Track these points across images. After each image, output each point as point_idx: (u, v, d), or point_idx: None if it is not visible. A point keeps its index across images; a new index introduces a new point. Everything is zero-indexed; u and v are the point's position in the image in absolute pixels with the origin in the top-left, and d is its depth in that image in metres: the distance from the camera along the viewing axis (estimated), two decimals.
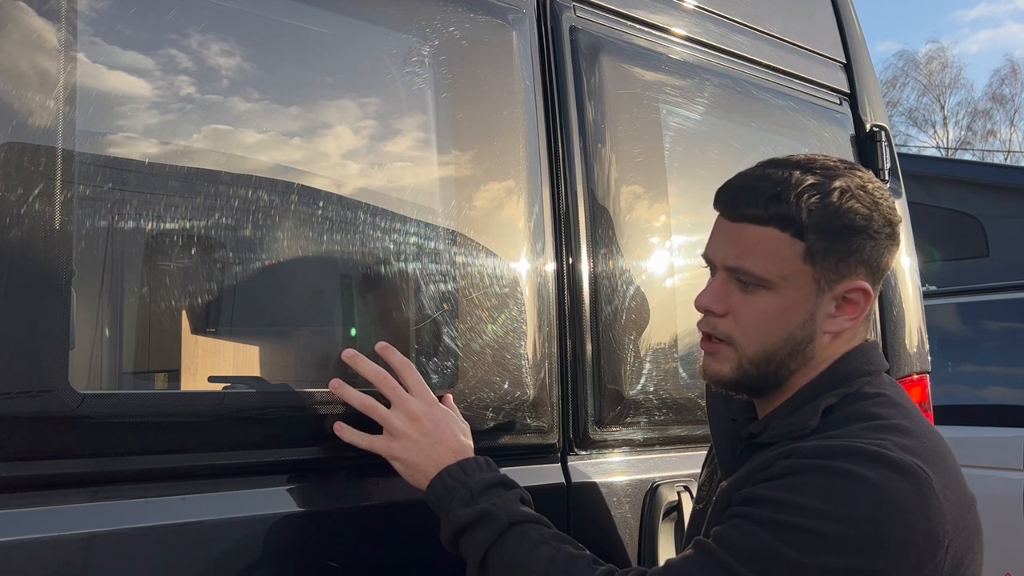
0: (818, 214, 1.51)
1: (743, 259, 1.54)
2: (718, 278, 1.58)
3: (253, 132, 1.76)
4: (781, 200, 1.52)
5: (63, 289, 1.44)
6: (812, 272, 1.54)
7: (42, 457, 1.43)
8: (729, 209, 1.58)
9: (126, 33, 1.61)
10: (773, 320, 1.55)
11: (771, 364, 1.58)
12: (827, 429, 1.54)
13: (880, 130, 2.92)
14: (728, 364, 1.59)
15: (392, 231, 1.89)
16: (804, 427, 1.55)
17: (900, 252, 2.91)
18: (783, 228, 1.52)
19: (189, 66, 1.67)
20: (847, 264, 1.55)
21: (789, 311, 1.55)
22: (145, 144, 1.63)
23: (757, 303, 1.55)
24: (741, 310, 1.56)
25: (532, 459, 2.03)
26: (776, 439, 1.58)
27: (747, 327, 1.56)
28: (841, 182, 1.54)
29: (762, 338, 1.56)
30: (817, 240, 1.52)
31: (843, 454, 1.45)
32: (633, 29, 2.39)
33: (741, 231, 1.55)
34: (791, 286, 1.54)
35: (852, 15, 3.05)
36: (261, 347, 1.81)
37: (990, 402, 6.00)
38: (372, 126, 1.92)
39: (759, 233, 1.53)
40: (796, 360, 1.58)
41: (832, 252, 1.53)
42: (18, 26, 1.44)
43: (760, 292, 1.55)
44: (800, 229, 1.51)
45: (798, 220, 1.51)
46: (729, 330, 1.58)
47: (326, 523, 1.71)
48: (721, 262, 1.58)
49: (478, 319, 1.95)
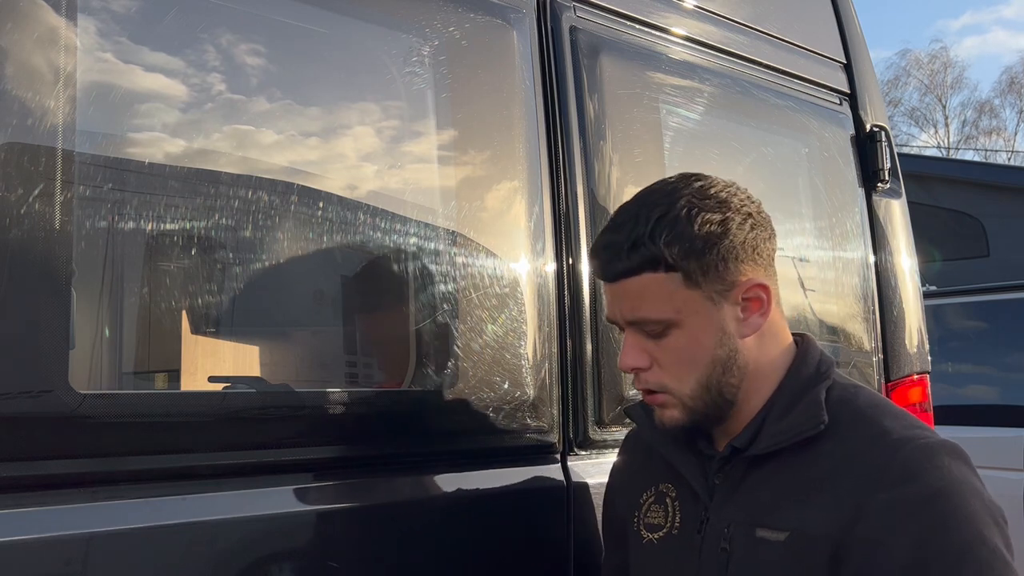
0: (677, 243, 1.52)
1: (638, 311, 1.55)
2: (629, 335, 1.59)
3: (253, 132, 1.76)
4: (638, 247, 1.52)
5: (63, 289, 1.44)
6: (701, 293, 1.54)
7: (42, 457, 1.43)
8: (603, 272, 1.59)
9: (126, 33, 1.61)
10: (691, 352, 1.55)
11: (711, 392, 1.57)
12: (847, 422, 1.53)
13: (880, 130, 2.92)
14: (676, 409, 1.58)
15: (392, 231, 1.89)
16: (815, 425, 1.53)
17: (901, 254, 2.93)
18: (655, 269, 1.53)
19: (189, 66, 1.67)
20: (728, 271, 1.54)
21: (700, 337, 1.55)
22: (145, 144, 1.63)
23: (671, 344, 1.55)
24: (661, 356, 1.56)
25: (532, 459, 2.03)
26: (777, 445, 1.55)
27: (672, 369, 1.56)
28: (684, 201, 1.54)
29: (689, 373, 1.56)
30: (688, 264, 1.52)
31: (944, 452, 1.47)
32: (633, 29, 2.39)
33: (623, 288, 1.56)
34: (690, 314, 1.54)
35: (852, 15, 3.05)
36: (261, 347, 1.81)
37: (990, 402, 5.99)
38: (372, 126, 1.92)
39: (637, 283, 1.54)
40: (732, 375, 1.57)
41: (708, 267, 1.53)
42: (18, 26, 1.44)
43: (669, 333, 1.55)
44: (668, 264, 1.52)
45: (662, 258, 1.52)
46: (659, 379, 1.58)
47: (326, 523, 1.71)
48: (622, 319, 1.58)
49: (478, 319, 1.95)
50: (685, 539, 1.63)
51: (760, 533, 1.52)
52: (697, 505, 1.63)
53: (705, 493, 1.62)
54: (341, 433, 1.77)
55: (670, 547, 1.65)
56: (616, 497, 1.86)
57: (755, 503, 1.55)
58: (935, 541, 1.41)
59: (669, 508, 1.68)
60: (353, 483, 1.78)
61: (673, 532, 1.66)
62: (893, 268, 2.88)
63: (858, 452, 1.50)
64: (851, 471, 1.48)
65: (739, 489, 1.58)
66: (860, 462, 1.48)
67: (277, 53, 1.81)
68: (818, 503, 1.49)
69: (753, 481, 1.57)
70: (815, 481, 1.51)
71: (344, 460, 1.76)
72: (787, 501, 1.52)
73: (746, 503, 1.56)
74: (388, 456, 1.83)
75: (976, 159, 29.65)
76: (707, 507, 1.60)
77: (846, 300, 2.79)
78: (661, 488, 1.71)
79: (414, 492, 1.83)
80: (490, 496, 1.93)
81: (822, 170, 2.83)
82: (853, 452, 1.50)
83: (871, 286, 2.82)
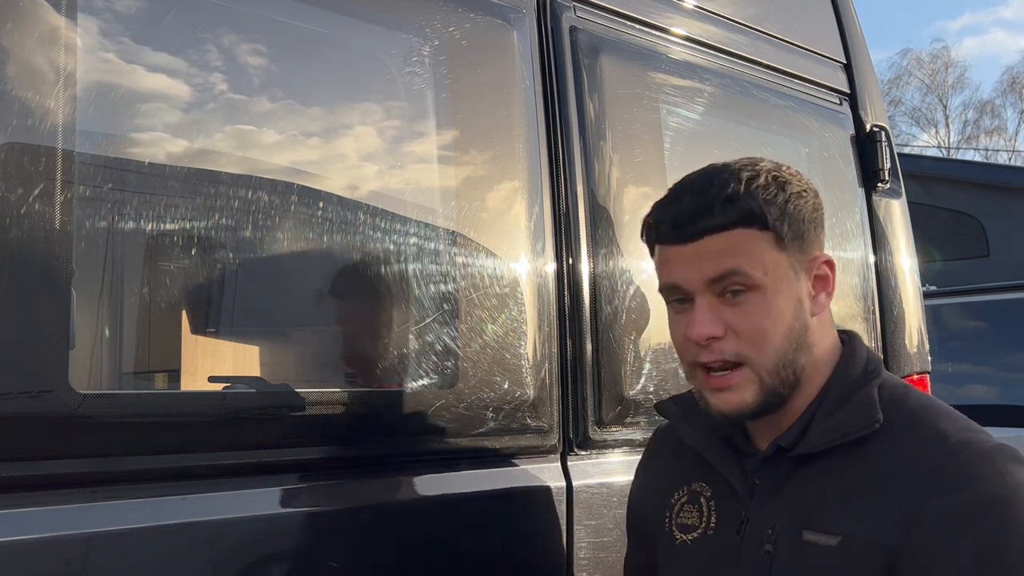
0: (771, 200, 1.48)
1: (724, 266, 1.46)
2: (701, 303, 1.48)
3: (253, 132, 1.76)
4: (734, 201, 1.47)
5: (63, 289, 1.44)
6: (786, 259, 1.49)
7: (42, 457, 1.44)
8: (680, 231, 1.49)
9: (126, 33, 1.61)
10: (771, 320, 1.47)
11: (787, 368, 1.49)
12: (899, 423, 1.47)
13: (880, 130, 2.92)
14: (750, 389, 1.48)
15: (392, 231, 1.89)
16: (869, 424, 1.46)
17: (901, 254, 2.93)
18: (748, 225, 1.47)
19: (189, 66, 1.67)
20: (808, 242, 1.51)
21: (781, 305, 1.48)
22: (145, 144, 1.63)
23: (750, 309, 1.47)
24: (738, 324, 1.47)
25: (532, 459, 2.03)
26: (828, 444, 1.48)
27: (751, 338, 1.47)
28: (764, 167, 1.51)
29: (768, 343, 1.47)
30: (782, 226, 1.48)
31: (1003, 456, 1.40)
32: (633, 29, 2.40)
33: (708, 245, 1.47)
34: (775, 279, 1.48)
35: (852, 15, 3.05)
36: (261, 347, 1.81)
37: (990, 402, 5.99)
38: (372, 126, 1.92)
39: (727, 239, 1.47)
40: (802, 354, 1.50)
41: (796, 234, 1.50)
42: (19, 26, 1.45)
43: (749, 297, 1.47)
44: (763, 220, 1.47)
45: (758, 212, 1.47)
46: (737, 349, 1.47)
47: (326, 523, 1.71)
48: (700, 282, 1.48)
49: (478, 319, 1.95)
50: (722, 540, 1.56)
51: (808, 536, 1.46)
52: (736, 505, 1.56)
53: (745, 492, 1.55)
54: (341, 433, 1.77)
55: (705, 548, 1.58)
56: (643, 496, 1.78)
57: (801, 504, 1.48)
58: (993, 549, 1.34)
59: (704, 508, 1.61)
60: (353, 483, 1.78)
61: (708, 533, 1.59)
62: (893, 268, 2.88)
63: (913, 455, 1.43)
64: (905, 475, 1.42)
65: (783, 489, 1.51)
66: (915, 466, 1.42)
67: (277, 53, 1.81)
68: (871, 507, 1.42)
69: (798, 481, 1.50)
70: (867, 484, 1.44)
71: (344, 460, 1.76)
72: (837, 504, 1.45)
73: (791, 504, 1.49)
74: (388, 456, 1.83)
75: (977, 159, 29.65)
76: (747, 507, 1.54)
77: (846, 300, 2.79)
78: (694, 487, 1.64)
79: (414, 492, 1.83)
80: (490, 496, 1.93)
81: (822, 170, 2.83)
82: (907, 455, 1.43)
83: (871, 286, 2.82)
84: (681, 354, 1.54)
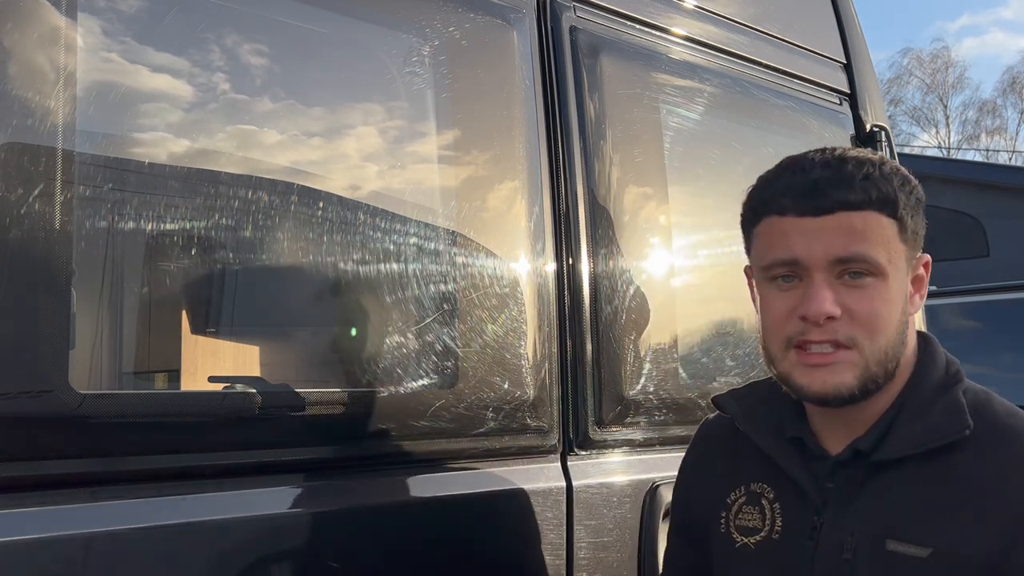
0: (903, 190, 1.43)
1: (854, 246, 1.39)
2: (819, 281, 1.40)
3: (253, 132, 1.76)
4: (874, 181, 1.41)
5: (63, 289, 1.44)
6: (905, 251, 1.44)
7: (42, 457, 1.44)
8: (811, 203, 1.41)
9: (126, 33, 1.61)
10: (887, 309, 1.41)
11: (889, 360, 1.42)
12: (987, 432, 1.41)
13: (880, 130, 2.92)
14: (852, 372, 1.41)
15: (392, 231, 1.89)
16: (959, 430, 1.40)
17: None
18: (880, 209, 1.41)
19: (189, 66, 1.67)
20: (919, 237, 1.47)
21: (895, 296, 1.42)
22: (145, 144, 1.63)
23: (870, 294, 1.40)
24: (855, 308, 1.40)
25: (532, 459, 2.03)
26: (914, 450, 1.42)
27: (866, 323, 1.40)
28: (886, 158, 1.47)
29: (881, 331, 1.41)
30: (907, 216, 1.43)
31: None
32: (633, 29, 2.39)
33: (840, 221, 1.40)
34: (896, 269, 1.42)
35: (852, 15, 3.05)
36: (261, 347, 1.81)
37: None
38: (372, 126, 1.92)
39: (861, 219, 1.40)
40: (900, 350, 1.44)
41: (915, 226, 1.45)
42: (19, 26, 1.45)
43: (868, 282, 1.40)
44: (895, 208, 1.41)
45: (893, 198, 1.41)
46: (851, 332, 1.40)
47: (325, 523, 1.71)
48: (825, 259, 1.40)
49: (478, 319, 1.95)
50: (792, 545, 1.49)
51: (892, 547, 1.40)
52: (806, 509, 1.49)
53: (817, 497, 1.48)
54: (341, 433, 1.77)
55: (772, 553, 1.51)
56: (693, 495, 1.69)
57: (883, 513, 1.42)
58: None
59: (766, 510, 1.54)
60: (353, 483, 1.78)
61: (773, 536, 1.51)
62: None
63: (1010, 468, 1.38)
64: (1005, 489, 1.36)
65: (859, 496, 1.45)
66: (1013, 476, 1.37)
67: (277, 53, 1.81)
68: (966, 520, 1.37)
69: (877, 488, 1.44)
70: (959, 495, 1.39)
71: (344, 460, 1.77)
72: (924, 514, 1.40)
73: (871, 512, 1.43)
74: (387, 456, 1.83)
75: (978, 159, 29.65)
76: (819, 512, 1.47)
77: None
78: (753, 488, 1.57)
79: (414, 492, 1.83)
80: (490, 496, 1.93)
81: None
82: (1004, 467, 1.38)
83: None
84: (776, 332, 1.45)
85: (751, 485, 1.57)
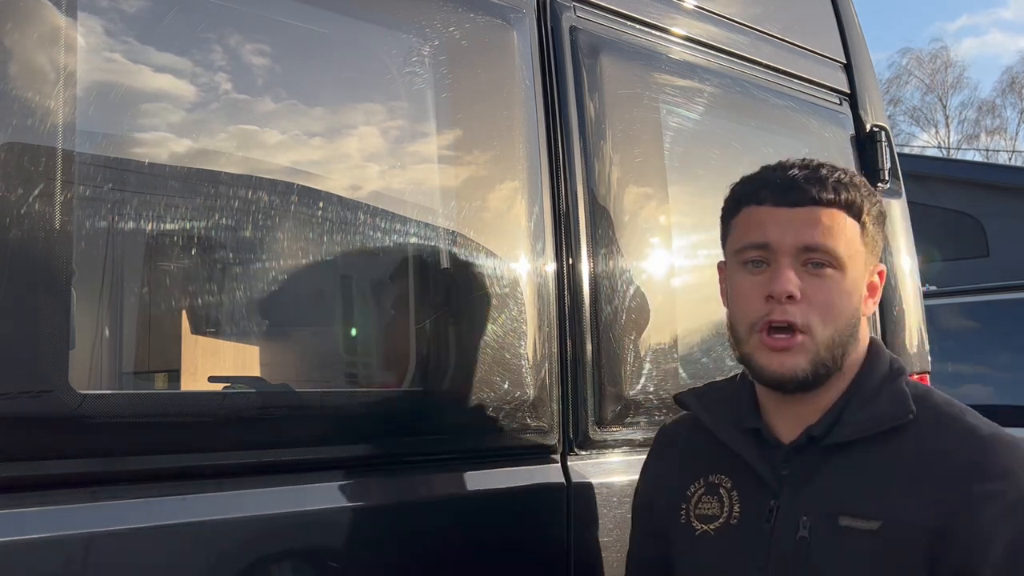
0: (868, 200, 1.60)
1: (825, 238, 1.55)
2: (782, 264, 1.55)
3: (253, 132, 1.76)
4: (843, 185, 1.58)
5: (63, 289, 1.44)
6: (864, 254, 1.60)
7: (42, 457, 1.43)
8: (788, 195, 1.58)
9: (127, 32, 1.61)
10: (842, 299, 1.57)
11: (838, 349, 1.57)
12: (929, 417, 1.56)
13: (880, 130, 2.92)
14: (805, 356, 1.55)
15: (392, 231, 1.89)
16: (904, 414, 1.56)
17: (901, 254, 2.93)
18: (847, 210, 1.58)
19: (189, 66, 1.67)
20: (877, 246, 1.64)
21: (851, 292, 1.58)
22: (145, 144, 1.63)
23: (829, 284, 1.56)
24: (813, 294, 1.55)
25: (532, 459, 2.03)
26: (864, 433, 1.56)
27: (821, 310, 1.55)
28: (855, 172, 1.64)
29: (833, 321, 1.56)
30: (869, 223, 1.60)
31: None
32: (633, 29, 2.39)
33: (812, 215, 1.56)
34: (853, 266, 1.58)
35: (852, 15, 3.04)
36: (261, 347, 1.81)
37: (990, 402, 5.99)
38: (372, 127, 1.92)
39: (829, 215, 1.57)
40: (850, 343, 1.59)
41: (875, 236, 1.62)
42: (19, 26, 1.44)
43: (827, 272, 1.56)
44: (859, 212, 1.59)
45: (859, 204, 1.59)
46: (807, 316, 1.55)
47: (325, 523, 1.71)
48: (794, 246, 1.56)
49: (479, 319, 1.95)
50: (750, 528, 1.60)
51: (845, 522, 1.52)
52: (762, 494, 1.60)
53: (774, 482, 1.59)
54: (340, 433, 1.77)
55: (730, 536, 1.62)
56: (655, 495, 1.79)
57: (835, 492, 1.54)
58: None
59: (724, 498, 1.65)
60: (352, 483, 1.78)
61: (732, 522, 1.63)
62: (893, 268, 2.88)
63: (950, 446, 1.52)
64: (946, 464, 1.50)
65: (813, 478, 1.57)
66: (953, 456, 1.51)
67: (277, 53, 1.81)
68: (912, 494, 1.50)
69: (828, 471, 1.56)
70: (903, 472, 1.52)
71: (343, 460, 1.76)
72: (873, 491, 1.52)
73: (823, 492, 1.55)
74: (387, 456, 1.83)
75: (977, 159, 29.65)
76: (776, 496, 1.58)
77: None
78: (712, 480, 1.68)
79: (414, 492, 1.83)
80: (490, 496, 1.93)
81: None
82: (946, 446, 1.52)
83: None
84: (743, 314, 1.60)
85: (709, 477, 1.69)
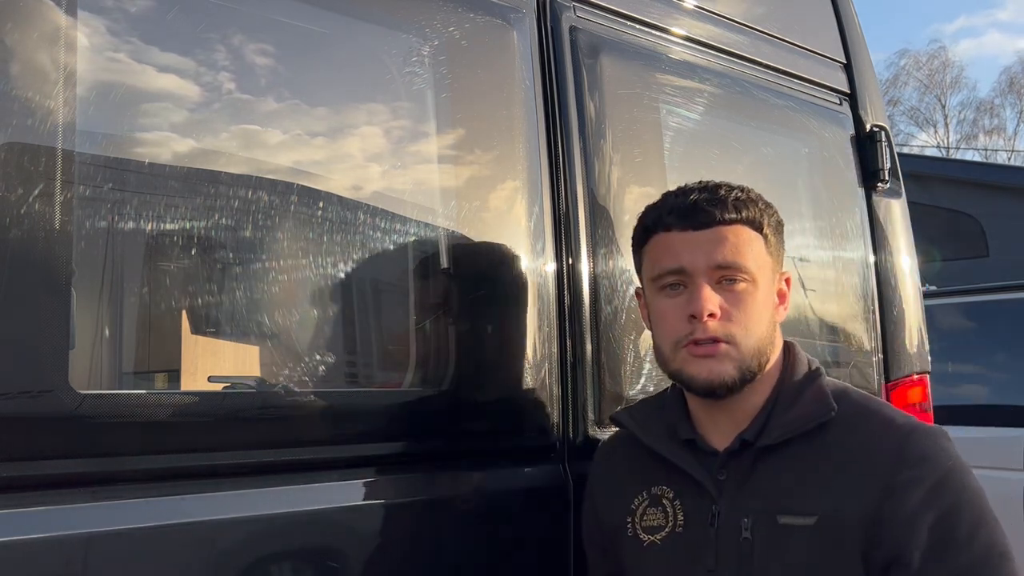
0: (766, 213, 1.70)
1: (735, 255, 1.64)
2: (700, 285, 1.64)
3: (253, 132, 1.76)
4: (742, 202, 1.67)
5: (63, 289, 1.44)
6: (771, 264, 1.70)
7: (42, 457, 1.43)
8: (694, 218, 1.66)
9: (127, 32, 1.61)
10: (758, 310, 1.66)
11: (760, 355, 1.66)
12: (850, 412, 1.64)
13: (880, 130, 2.92)
14: (731, 363, 1.63)
15: (392, 231, 1.89)
16: (826, 412, 1.63)
17: (901, 254, 2.93)
18: (749, 225, 1.67)
19: (189, 66, 1.67)
20: (780, 255, 1.74)
21: (765, 301, 1.68)
22: (145, 144, 1.63)
23: (745, 298, 1.65)
24: (731, 309, 1.64)
25: (532, 459, 2.03)
26: (792, 433, 1.63)
27: (741, 322, 1.64)
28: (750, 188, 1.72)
29: (754, 331, 1.65)
30: (770, 233, 1.70)
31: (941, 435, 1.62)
32: (633, 29, 2.39)
33: (720, 234, 1.65)
34: (763, 278, 1.67)
35: (852, 15, 3.04)
36: (261, 347, 1.81)
37: (990, 402, 5.99)
38: (372, 126, 1.92)
39: (735, 232, 1.66)
40: (770, 348, 1.69)
41: (778, 246, 1.73)
42: (19, 25, 1.44)
43: (741, 287, 1.65)
44: (760, 225, 1.68)
45: (759, 218, 1.68)
46: (729, 329, 1.63)
47: (324, 523, 1.71)
48: (707, 266, 1.64)
49: (479, 319, 1.95)
50: (695, 534, 1.66)
51: (784, 520, 1.59)
52: (704, 500, 1.66)
53: (713, 488, 1.66)
54: (340, 433, 1.77)
55: (677, 544, 1.68)
56: (601, 508, 1.85)
57: (771, 492, 1.62)
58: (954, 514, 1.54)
59: (668, 509, 1.71)
60: (352, 483, 1.78)
61: (677, 530, 1.69)
62: (893, 268, 2.88)
63: (873, 438, 1.60)
64: (870, 455, 1.58)
65: (749, 481, 1.64)
66: (877, 447, 1.58)
67: (277, 53, 1.81)
68: (843, 487, 1.57)
69: (763, 472, 1.64)
70: (832, 466, 1.59)
71: (343, 461, 1.76)
72: (807, 487, 1.60)
73: (760, 493, 1.62)
74: (388, 456, 1.83)
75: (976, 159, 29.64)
76: (716, 501, 1.65)
77: (846, 300, 2.79)
78: (654, 491, 1.74)
79: (414, 492, 1.83)
80: (490, 496, 1.93)
81: (822, 170, 2.83)
82: (867, 438, 1.60)
83: (871, 286, 2.82)
84: (667, 334, 1.68)
85: (652, 489, 1.75)
